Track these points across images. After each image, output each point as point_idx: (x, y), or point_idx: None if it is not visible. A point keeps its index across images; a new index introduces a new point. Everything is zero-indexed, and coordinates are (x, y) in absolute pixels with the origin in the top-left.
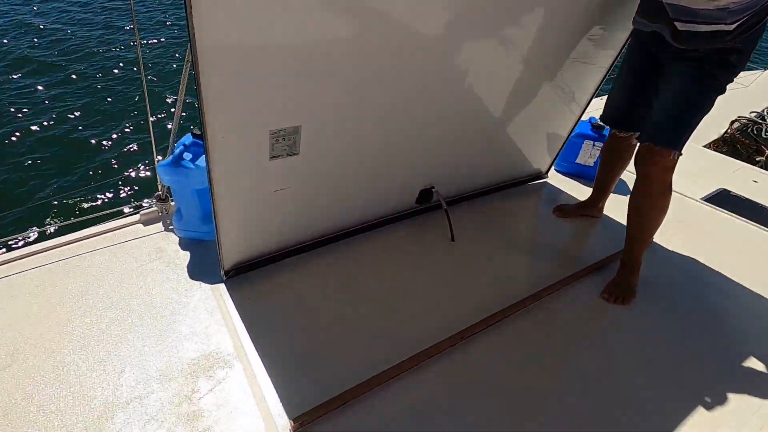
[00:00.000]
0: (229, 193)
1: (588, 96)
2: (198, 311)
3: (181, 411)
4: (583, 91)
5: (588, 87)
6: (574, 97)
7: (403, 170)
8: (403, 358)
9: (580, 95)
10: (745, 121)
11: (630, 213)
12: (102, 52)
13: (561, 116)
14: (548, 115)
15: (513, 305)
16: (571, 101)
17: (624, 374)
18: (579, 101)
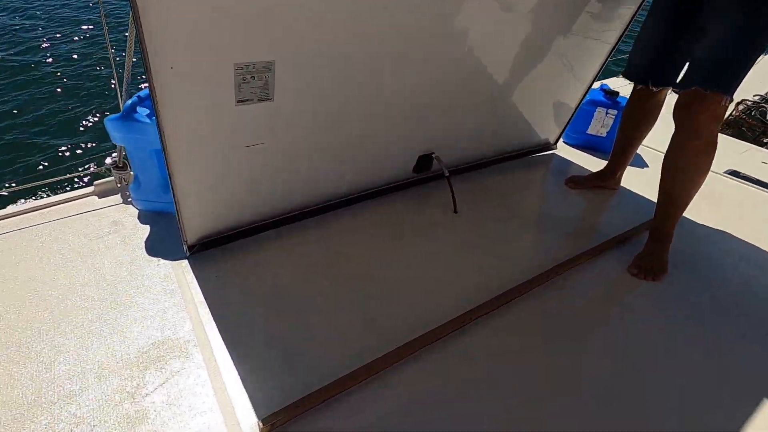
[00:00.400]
0: (187, 148)
1: (600, 60)
2: (154, 291)
3: (121, 411)
4: (595, 55)
5: (600, 51)
6: (585, 62)
7: (399, 133)
8: (399, 345)
9: (591, 60)
10: (750, 104)
11: (665, 174)
12: None
13: (570, 82)
14: (556, 80)
15: (527, 283)
16: (580, 66)
17: (657, 357)
18: (590, 66)
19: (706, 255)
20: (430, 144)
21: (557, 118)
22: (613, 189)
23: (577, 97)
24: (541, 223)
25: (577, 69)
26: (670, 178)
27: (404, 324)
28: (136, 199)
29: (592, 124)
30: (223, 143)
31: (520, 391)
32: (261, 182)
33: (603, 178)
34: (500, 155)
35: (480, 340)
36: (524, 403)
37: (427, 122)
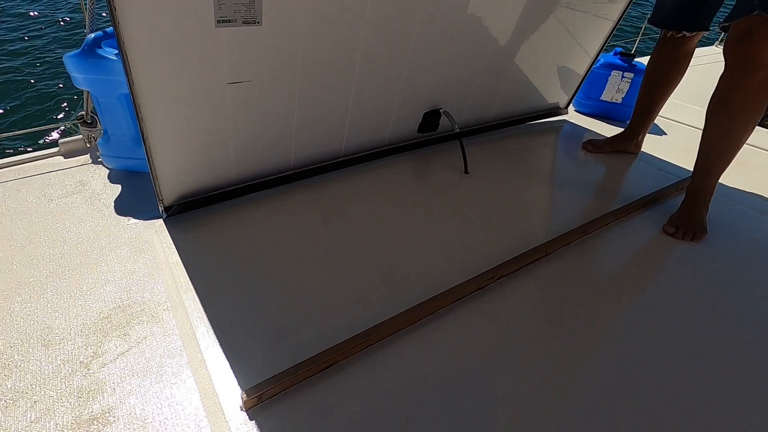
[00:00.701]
0: (159, 87)
1: (613, 19)
2: (122, 252)
3: (71, 384)
4: (606, 14)
5: (612, 9)
6: (596, 21)
7: (404, 85)
8: (412, 305)
9: (603, 19)
10: None
11: (712, 120)
12: None
13: (581, 41)
14: (567, 40)
15: (552, 242)
16: (592, 24)
17: (702, 325)
18: (601, 26)
19: (748, 217)
20: (436, 100)
21: (568, 81)
22: (633, 153)
23: (589, 57)
24: (559, 184)
25: (588, 27)
26: (720, 123)
27: (417, 284)
28: (106, 155)
29: (607, 90)
30: (203, 79)
31: (549, 352)
32: (248, 133)
33: (623, 140)
34: (509, 118)
35: (503, 301)
36: (552, 365)
37: (434, 77)
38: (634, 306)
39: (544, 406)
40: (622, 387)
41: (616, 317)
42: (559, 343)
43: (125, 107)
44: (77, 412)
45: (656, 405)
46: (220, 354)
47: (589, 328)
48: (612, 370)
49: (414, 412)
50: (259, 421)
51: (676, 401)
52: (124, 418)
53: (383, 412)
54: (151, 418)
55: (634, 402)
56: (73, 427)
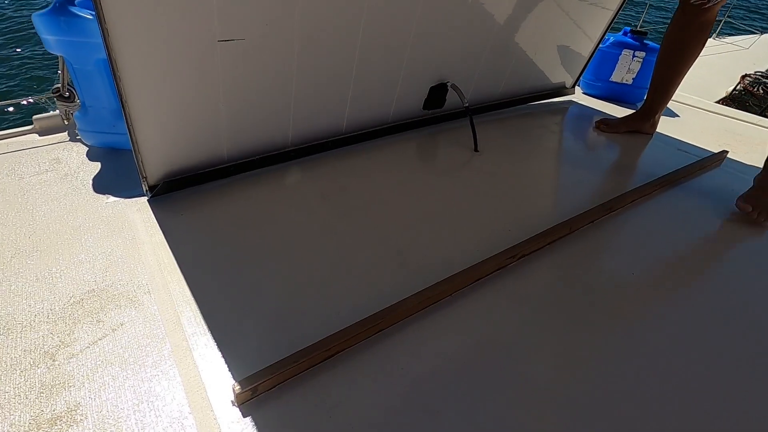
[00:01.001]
0: (140, 47)
1: None
2: (98, 231)
3: (32, 378)
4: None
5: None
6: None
7: (410, 57)
8: (420, 289)
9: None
10: (751, 80)
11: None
12: None
13: (588, 17)
14: (573, 17)
15: (572, 220)
16: (599, 1)
17: (749, 310)
18: (608, 4)
19: None
20: (442, 74)
21: (574, 59)
22: (648, 134)
23: (596, 35)
24: (575, 163)
25: (595, 3)
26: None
27: (431, 263)
28: (84, 131)
29: (617, 70)
30: (191, 35)
31: (580, 334)
32: (242, 101)
33: (639, 120)
34: (515, 96)
35: (528, 281)
36: (585, 348)
37: (441, 49)
38: (673, 287)
39: (574, 392)
40: (656, 372)
41: (650, 298)
42: (590, 325)
43: (104, 75)
44: (36, 411)
45: (691, 393)
46: (209, 341)
47: (622, 308)
48: (648, 354)
49: (437, 405)
50: (253, 417)
51: (718, 390)
52: (93, 417)
53: (401, 406)
54: (126, 416)
55: (666, 387)
56: (31, 427)
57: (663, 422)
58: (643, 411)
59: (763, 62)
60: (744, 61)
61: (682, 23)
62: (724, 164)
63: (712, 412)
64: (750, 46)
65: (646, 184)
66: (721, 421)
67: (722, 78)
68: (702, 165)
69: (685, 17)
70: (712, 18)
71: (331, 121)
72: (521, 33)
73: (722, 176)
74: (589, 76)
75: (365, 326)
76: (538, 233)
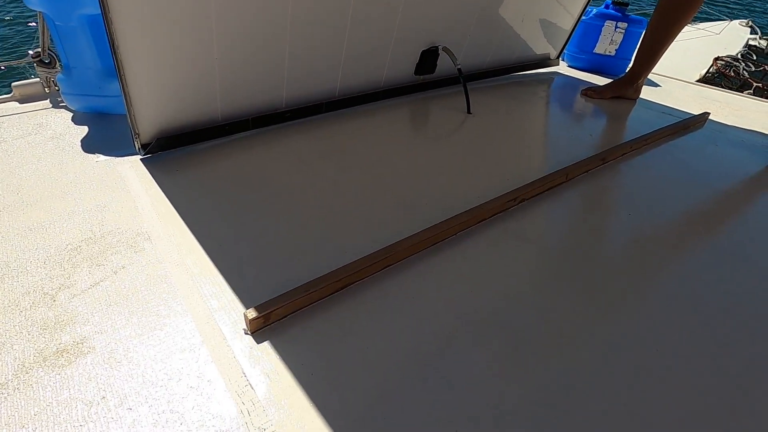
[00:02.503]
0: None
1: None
2: (90, 186)
3: (34, 316)
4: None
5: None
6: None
7: (403, 20)
8: (434, 223)
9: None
10: (723, 62)
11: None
12: None
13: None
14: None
15: (569, 168)
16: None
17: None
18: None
19: None
20: (434, 39)
21: (558, 31)
22: (632, 99)
23: (578, 8)
24: (566, 123)
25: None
26: None
27: (435, 207)
28: (68, 93)
29: (600, 42)
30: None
31: (583, 269)
32: (237, 56)
33: (624, 84)
34: (503, 65)
35: (530, 221)
36: (587, 281)
37: (429, 16)
38: (663, 227)
39: (577, 323)
40: (653, 309)
41: (644, 237)
42: (595, 258)
43: (89, 32)
44: (41, 344)
45: (686, 333)
46: (215, 279)
47: (621, 247)
48: (648, 286)
49: (447, 330)
50: (267, 344)
51: (712, 329)
52: (101, 349)
53: (411, 332)
54: (135, 347)
55: (681, 323)
56: (36, 360)
57: (662, 362)
58: (649, 348)
59: (733, 46)
60: (716, 45)
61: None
62: (706, 125)
63: (705, 354)
64: (721, 32)
65: (635, 139)
66: (716, 367)
67: (696, 62)
68: (686, 125)
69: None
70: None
71: (325, 84)
72: (507, 2)
73: (705, 134)
74: (574, 49)
75: (374, 260)
76: (535, 180)
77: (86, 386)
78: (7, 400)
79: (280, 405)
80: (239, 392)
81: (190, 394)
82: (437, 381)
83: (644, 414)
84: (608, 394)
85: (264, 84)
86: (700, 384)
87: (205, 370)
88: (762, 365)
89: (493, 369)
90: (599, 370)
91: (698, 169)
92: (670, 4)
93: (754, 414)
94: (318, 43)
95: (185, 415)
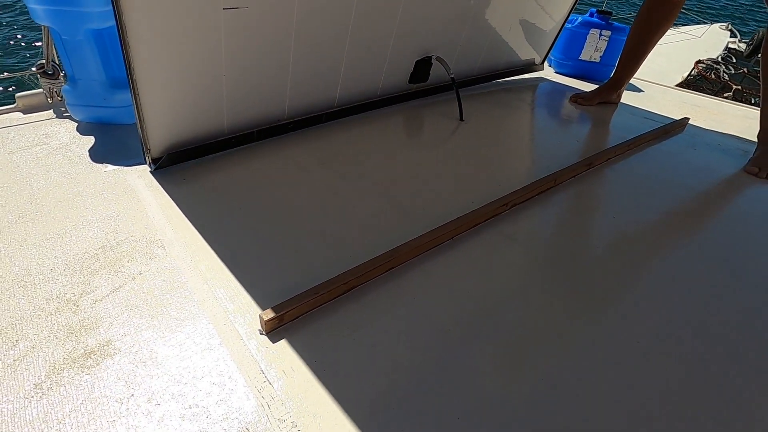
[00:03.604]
0: (148, 5)
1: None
2: (101, 195)
3: (59, 321)
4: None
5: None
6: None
7: (397, 34)
8: (432, 228)
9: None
10: (704, 65)
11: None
12: None
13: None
14: None
15: (557, 173)
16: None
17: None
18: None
19: None
20: (427, 49)
21: (542, 37)
22: (614, 103)
23: (562, 14)
24: (555, 128)
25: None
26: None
27: (432, 212)
28: (73, 104)
29: (585, 49)
30: (198, 2)
31: (575, 267)
32: (243, 71)
33: (608, 90)
34: (491, 72)
35: (524, 224)
36: (580, 278)
37: (423, 28)
38: (647, 227)
39: (567, 320)
40: (643, 305)
41: (629, 237)
42: (583, 259)
43: (94, 45)
44: (70, 347)
45: (677, 329)
46: (229, 283)
47: (612, 245)
48: (635, 279)
49: (448, 325)
50: (282, 343)
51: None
52: (126, 350)
53: (415, 328)
54: (159, 347)
55: (663, 317)
56: (66, 362)
57: (646, 356)
58: (637, 344)
59: (714, 50)
60: (697, 48)
61: (654, 3)
62: (686, 129)
63: (693, 347)
64: (702, 35)
65: (620, 144)
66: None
67: (678, 65)
68: (667, 129)
69: (656, 1)
70: (681, 0)
71: (325, 95)
72: (495, 11)
73: (686, 138)
74: (560, 56)
75: (378, 263)
76: (526, 185)
77: (115, 385)
78: (43, 398)
79: (297, 398)
80: (258, 388)
81: (213, 390)
82: (441, 374)
83: (634, 407)
84: (597, 388)
85: (268, 97)
86: (683, 372)
87: (225, 368)
88: (739, 355)
89: (487, 362)
90: (588, 365)
91: (678, 173)
92: (648, 15)
93: (736, 406)
94: (319, 57)
95: (210, 409)
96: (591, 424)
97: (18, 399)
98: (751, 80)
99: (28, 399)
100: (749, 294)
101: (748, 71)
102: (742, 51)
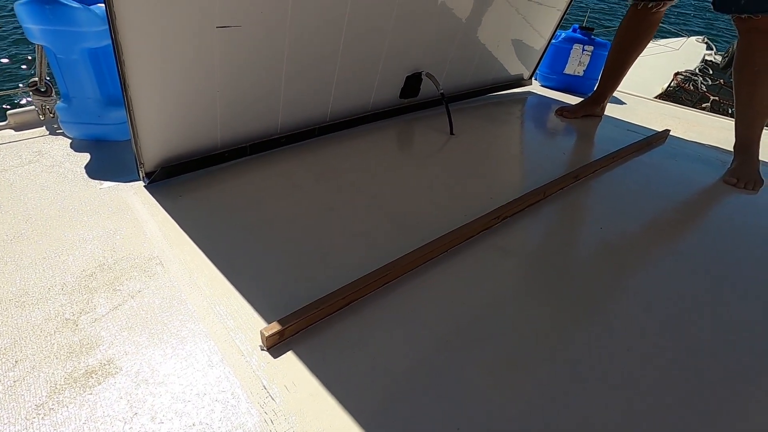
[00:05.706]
0: (143, 22)
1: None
2: (98, 213)
3: (59, 340)
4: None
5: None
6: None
7: (387, 51)
8: (427, 242)
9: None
10: (683, 77)
11: (745, 79)
12: None
13: (540, 17)
14: (527, 16)
15: (545, 186)
16: (548, 2)
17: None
18: (557, 3)
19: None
20: (417, 64)
21: (530, 53)
22: (598, 116)
23: (548, 31)
24: (543, 142)
25: (545, 4)
26: (751, 83)
27: (425, 226)
28: (66, 122)
29: (569, 63)
30: (191, 20)
31: (565, 276)
32: (236, 86)
33: (592, 104)
34: (480, 87)
35: (514, 236)
36: (571, 287)
37: (413, 43)
38: (633, 236)
39: (558, 328)
40: (635, 311)
41: (616, 247)
42: (573, 268)
43: (89, 64)
44: (70, 367)
45: (664, 338)
46: (229, 299)
47: (599, 254)
48: (628, 287)
49: (447, 335)
50: (283, 359)
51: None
52: (128, 369)
53: (413, 341)
54: (160, 365)
55: (650, 323)
56: (68, 381)
57: (634, 361)
58: (633, 349)
59: (692, 62)
60: (676, 60)
61: (633, 21)
62: (667, 141)
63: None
64: (680, 47)
65: (604, 156)
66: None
67: (658, 76)
68: (649, 141)
69: (636, 17)
70: (659, 18)
71: (317, 109)
72: (483, 28)
73: (667, 150)
74: (546, 70)
75: (375, 277)
76: (516, 198)
77: (118, 404)
78: (45, 419)
79: (300, 413)
80: (261, 403)
81: (216, 407)
82: (439, 385)
83: (626, 411)
84: (591, 393)
85: (261, 112)
86: (673, 378)
87: (227, 385)
88: (723, 358)
89: (485, 371)
90: (582, 371)
91: (660, 183)
92: (627, 32)
93: (720, 406)
94: (311, 72)
95: (213, 426)
96: (585, 430)
97: (20, 420)
98: (728, 91)
99: (29, 420)
100: (731, 300)
101: (724, 82)
102: (718, 63)
